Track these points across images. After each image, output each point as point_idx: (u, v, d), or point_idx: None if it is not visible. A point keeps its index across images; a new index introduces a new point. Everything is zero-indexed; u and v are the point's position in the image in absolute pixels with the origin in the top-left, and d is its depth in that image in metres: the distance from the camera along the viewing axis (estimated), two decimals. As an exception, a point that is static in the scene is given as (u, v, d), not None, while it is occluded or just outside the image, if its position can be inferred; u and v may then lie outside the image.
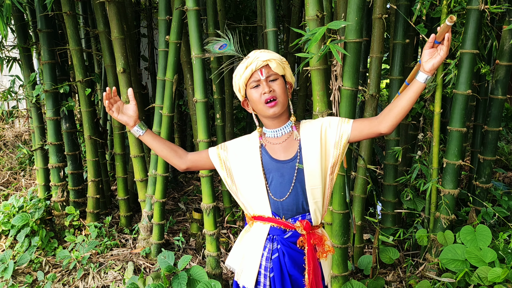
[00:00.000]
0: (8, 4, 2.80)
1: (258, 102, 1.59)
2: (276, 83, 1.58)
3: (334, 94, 2.59)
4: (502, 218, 3.22)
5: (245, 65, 1.57)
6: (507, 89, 3.08)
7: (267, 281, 1.64)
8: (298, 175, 1.61)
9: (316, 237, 1.64)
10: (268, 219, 1.65)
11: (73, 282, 3.22)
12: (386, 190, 3.33)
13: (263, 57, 1.56)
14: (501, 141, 5.77)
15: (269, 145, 1.66)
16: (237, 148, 1.71)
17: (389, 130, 1.51)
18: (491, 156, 3.21)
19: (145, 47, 5.45)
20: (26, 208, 3.82)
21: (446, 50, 1.39)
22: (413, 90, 1.45)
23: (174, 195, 4.86)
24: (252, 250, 1.67)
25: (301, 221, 1.62)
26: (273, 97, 1.56)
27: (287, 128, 1.64)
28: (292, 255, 1.64)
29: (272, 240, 1.65)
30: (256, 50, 1.62)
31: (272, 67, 1.56)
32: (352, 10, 2.25)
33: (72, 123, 4.04)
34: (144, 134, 1.68)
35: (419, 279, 2.90)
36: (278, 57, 1.59)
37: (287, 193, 1.61)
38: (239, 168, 1.68)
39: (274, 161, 1.63)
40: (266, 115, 1.60)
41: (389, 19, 3.28)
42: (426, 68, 1.41)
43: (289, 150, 1.63)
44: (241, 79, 1.59)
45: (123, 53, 3.45)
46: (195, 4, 2.80)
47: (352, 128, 1.58)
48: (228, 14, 4.61)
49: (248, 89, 1.61)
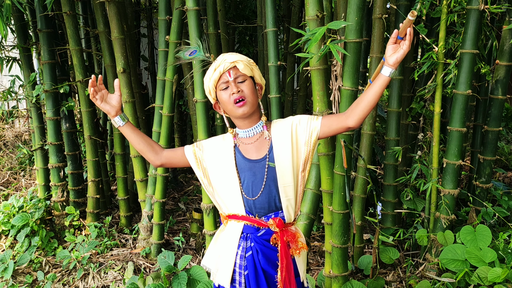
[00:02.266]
0: (8, 4, 2.80)
1: (227, 103, 1.63)
2: (245, 84, 1.62)
3: (334, 94, 2.59)
4: (502, 218, 3.22)
5: (214, 67, 1.63)
6: (507, 89, 3.08)
7: (242, 279, 1.68)
8: (269, 173, 1.64)
9: (289, 234, 1.68)
10: (242, 218, 1.69)
11: (73, 282, 3.22)
12: (386, 190, 3.33)
13: (230, 59, 1.61)
14: (501, 141, 5.77)
15: (242, 145, 1.70)
16: (212, 147, 1.74)
17: (356, 124, 1.57)
18: (491, 156, 3.21)
19: (145, 47, 5.45)
20: (26, 208, 3.82)
21: (408, 44, 1.45)
22: (379, 84, 1.51)
23: (174, 195, 4.86)
24: (226, 249, 1.71)
25: (273, 219, 1.65)
26: (242, 97, 1.60)
27: (258, 128, 1.68)
28: (265, 252, 1.67)
29: (246, 238, 1.69)
30: (224, 53, 1.67)
31: (240, 68, 1.61)
32: (352, 10, 2.25)
33: (72, 123, 4.04)
34: (123, 126, 1.70)
35: (419, 279, 2.90)
36: (245, 58, 1.64)
37: (259, 192, 1.65)
38: (214, 168, 1.71)
39: (247, 160, 1.67)
40: (236, 115, 1.65)
41: (389, 19, 3.28)
42: (390, 62, 1.48)
43: (261, 150, 1.67)
44: (210, 81, 1.65)
45: (123, 53, 3.45)
46: (195, 4, 2.80)
47: (321, 124, 1.63)
48: (228, 14, 4.61)
49: (218, 91, 1.65)
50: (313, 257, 3.48)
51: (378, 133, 5.51)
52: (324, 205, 2.78)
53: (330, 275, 2.69)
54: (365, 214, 3.19)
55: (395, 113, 3.17)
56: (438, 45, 2.87)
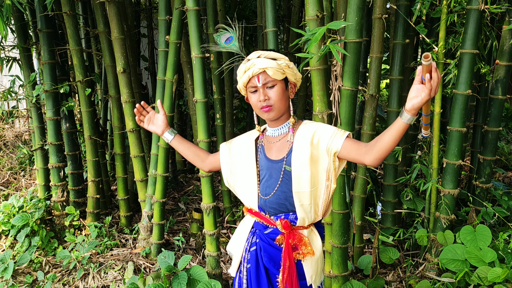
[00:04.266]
0: (8, 4, 2.80)
1: (254, 106, 1.64)
2: (273, 90, 1.58)
3: (334, 94, 2.59)
4: (502, 218, 3.22)
5: (244, 69, 1.60)
6: (507, 89, 3.08)
7: (244, 271, 1.73)
8: (285, 176, 1.63)
9: (297, 237, 1.66)
10: (255, 213, 1.72)
11: (73, 282, 3.22)
12: (386, 190, 3.33)
13: (260, 65, 1.56)
14: (501, 141, 5.77)
15: (267, 143, 1.71)
16: (239, 143, 1.78)
17: (373, 164, 1.47)
18: (491, 156, 3.21)
19: (145, 47, 5.45)
20: (26, 208, 3.82)
21: (428, 92, 1.25)
22: (396, 129, 1.37)
23: (174, 195, 4.86)
24: (239, 241, 1.77)
25: (281, 220, 1.65)
26: (268, 105, 1.58)
27: (284, 129, 1.67)
28: (268, 250, 1.68)
29: (254, 233, 1.73)
30: (258, 51, 1.61)
31: (270, 74, 1.56)
32: (352, 10, 2.25)
33: (72, 123, 4.04)
34: (171, 140, 1.81)
35: (419, 279, 2.90)
36: (275, 63, 1.57)
37: (271, 192, 1.66)
38: (238, 162, 1.74)
39: (267, 159, 1.68)
40: (263, 118, 1.66)
41: (389, 19, 3.29)
42: (406, 106, 1.32)
43: (281, 151, 1.66)
44: (240, 82, 1.63)
45: (123, 53, 3.45)
46: (195, 4, 2.80)
47: (343, 145, 1.55)
48: (228, 14, 4.61)
49: (247, 92, 1.64)
50: (313, 257, 3.48)
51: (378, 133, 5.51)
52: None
53: (330, 275, 2.69)
54: (365, 214, 3.19)
55: (395, 113, 3.17)
56: (438, 45, 2.87)
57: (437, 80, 1.23)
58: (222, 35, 1.72)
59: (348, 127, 2.39)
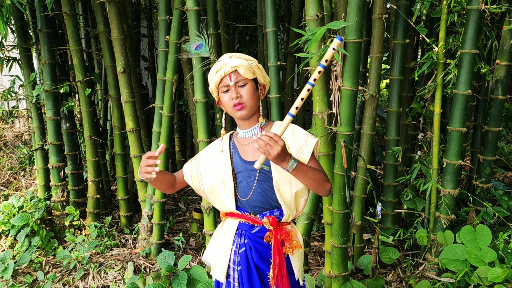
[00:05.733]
0: (8, 4, 2.80)
1: (227, 106, 1.66)
2: (245, 88, 1.63)
3: (334, 94, 2.59)
4: (502, 218, 3.22)
5: (215, 69, 1.64)
6: (507, 89, 3.08)
7: (235, 274, 1.71)
8: (261, 176, 1.66)
9: (284, 233, 1.69)
10: (237, 215, 1.72)
11: (73, 282, 3.22)
12: (386, 190, 3.33)
13: (231, 64, 1.61)
14: (501, 141, 5.77)
15: (240, 146, 1.73)
16: (208, 153, 1.79)
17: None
18: (491, 156, 3.21)
19: (145, 47, 5.45)
20: (26, 208, 3.82)
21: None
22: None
23: (174, 195, 4.86)
24: (223, 245, 1.75)
25: (268, 217, 1.67)
26: (240, 102, 1.62)
27: (255, 130, 1.70)
28: (259, 249, 1.70)
29: (240, 235, 1.72)
30: (227, 53, 1.67)
31: (241, 73, 1.61)
32: (352, 10, 2.25)
33: (72, 123, 4.04)
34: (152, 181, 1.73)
35: (419, 279, 2.90)
36: (246, 62, 1.63)
37: (250, 192, 1.68)
38: (210, 172, 1.74)
39: (243, 161, 1.70)
40: (235, 117, 1.68)
41: (389, 19, 3.28)
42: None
43: (256, 151, 1.66)
44: (212, 83, 1.67)
45: (123, 53, 3.45)
46: (195, 4, 2.80)
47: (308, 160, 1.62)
48: (228, 14, 4.61)
49: (219, 92, 1.67)
50: (313, 257, 3.48)
51: (378, 133, 5.51)
52: (324, 205, 2.78)
53: (330, 275, 2.69)
54: (365, 214, 3.19)
55: (395, 113, 3.17)
56: (438, 45, 2.87)
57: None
58: (192, 43, 1.78)
59: (348, 127, 2.39)
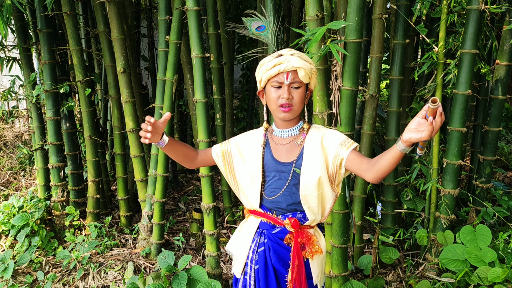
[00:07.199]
0: (8, 4, 2.80)
1: (273, 102, 1.58)
2: (298, 91, 1.56)
3: (334, 94, 2.59)
4: (502, 218, 3.22)
5: (274, 63, 1.54)
6: (507, 89, 3.08)
7: (252, 272, 1.70)
8: (293, 179, 1.63)
9: (305, 236, 1.66)
10: (260, 214, 1.69)
11: (73, 282, 3.22)
12: (386, 190, 3.33)
13: (294, 63, 1.53)
14: (501, 141, 5.77)
15: (274, 144, 1.68)
16: (240, 143, 1.73)
17: (373, 181, 1.50)
18: (491, 156, 3.21)
19: (145, 47, 5.45)
20: (26, 208, 3.82)
21: (429, 134, 1.25)
22: (392, 155, 1.39)
23: (174, 195, 4.86)
24: (243, 241, 1.74)
25: (290, 219, 1.65)
26: (289, 104, 1.55)
27: (294, 131, 1.65)
28: (277, 250, 1.67)
29: (260, 234, 1.70)
30: (290, 49, 1.59)
31: (300, 75, 1.54)
32: (352, 10, 2.25)
33: (72, 123, 4.04)
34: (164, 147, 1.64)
35: (419, 279, 2.90)
36: (309, 66, 1.56)
37: (278, 193, 1.65)
38: (240, 163, 1.70)
39: (275, 161, 1.66)
40: (277, 116, 1.62)
41: (389, 19, 3.29)
42: (403, 137, 1.33)
43: (290, 153, 1.64)
44: (265, 73, 1.57)
45: (123, 53, 3.45)
46: (195, 4, 2.80)
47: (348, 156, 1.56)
48: (228, 14, 4.61)
49: (268, 85, 1.59)
50: (313, 257, 3.48)
51: (378, 133, 5.51)
52: (324, 205, 2.77)
53: (330, 275, 2.69)
54: (365, 214, 3.19)
55: (395, 113, 3.17)
56: (438, 45, 2.87)
57: (439, 124, 1.25)
58: (253, 21, 1.68)
59: (348, 127, 2.39)
